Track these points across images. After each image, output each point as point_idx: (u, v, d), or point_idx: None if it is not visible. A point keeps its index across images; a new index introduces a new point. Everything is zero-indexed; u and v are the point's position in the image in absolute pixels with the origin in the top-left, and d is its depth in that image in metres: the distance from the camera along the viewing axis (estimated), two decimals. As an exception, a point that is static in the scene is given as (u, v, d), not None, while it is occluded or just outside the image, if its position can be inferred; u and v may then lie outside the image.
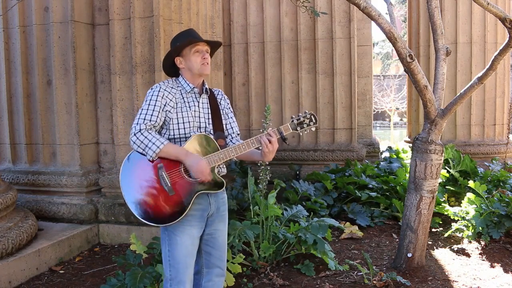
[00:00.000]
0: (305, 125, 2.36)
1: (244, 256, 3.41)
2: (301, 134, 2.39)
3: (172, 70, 2.40)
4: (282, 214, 3.80)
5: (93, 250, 4.18)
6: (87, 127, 4.57)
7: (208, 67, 2.32)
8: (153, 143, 2.16)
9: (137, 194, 2.19)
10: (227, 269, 3.20)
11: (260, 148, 2.28)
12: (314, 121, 2.37)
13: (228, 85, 6.39)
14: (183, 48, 2.29)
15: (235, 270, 3.29)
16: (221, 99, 2.47)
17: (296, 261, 3.71)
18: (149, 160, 2.19)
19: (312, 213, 4.48)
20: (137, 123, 2.21)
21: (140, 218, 2.19)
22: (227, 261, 3.24)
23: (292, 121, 2.36)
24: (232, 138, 2.47)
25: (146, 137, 2.17)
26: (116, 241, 4.30)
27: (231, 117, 2.49)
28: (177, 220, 2.19)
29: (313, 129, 2.40)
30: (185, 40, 2.29)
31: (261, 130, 3.66)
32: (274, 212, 3.62)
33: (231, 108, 2.52)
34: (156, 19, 4.16)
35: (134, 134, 2.18)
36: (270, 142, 2.24)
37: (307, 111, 2.39)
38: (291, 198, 5.00)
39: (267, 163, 3.74)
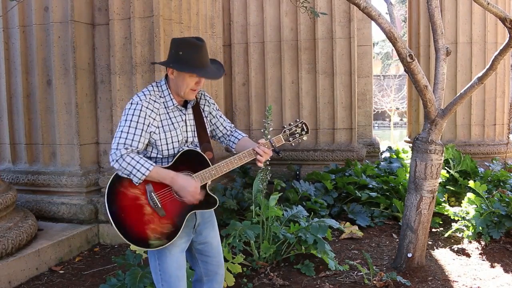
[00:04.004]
0: (297, 135, 2.34)
1: (244, 256, 3.42)
2: (292, 144, 2.36)
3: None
4: (282, 214, 3.80)
5: (93, 250, 4.18)
6: (87, 127, 4.56)
7: (195, 94, 2.19)
8: (138, 170, 2.02)
9: (126, 219, 2.04)
10: (227, 269, 3.21)
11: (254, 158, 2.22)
12: (305, 130, 2.35)
13: (228, 85, 6.39)
14: (185, 70, 2.09)
15: (235, 270, 3.29)
16: (204, 104, 2.32)
17: (296, 261, 3.71)
18: (135, 183, 2.06)
19: (312, 213, 4.48)
20: (117, 148, 2.04)
21: (133, 245, 2.08)
22: (227, 261, 3.24)
23: (284, 131, 2.33)
24: (229, 136, 2.40)
25: (129, 163, 2.02)
26: (116, 241, 4.30)
27: (220, 116, 2.39)
28: (170, 242, 2.09)
29: (305, 138, 2.38)
30: (194, 60, 2.08)
31: (261, 130, 3.65)
32: (275, 213, 3.62)
33: (217, 107, 2.40)
34: (156, 19, 4.16)
35: (116, 161, 2.03)
36: (265, 152, 2.20)
37: (298, 120, 2.36)
38: (291, 198, 4.99)
39: (268, 163, 3.73)
